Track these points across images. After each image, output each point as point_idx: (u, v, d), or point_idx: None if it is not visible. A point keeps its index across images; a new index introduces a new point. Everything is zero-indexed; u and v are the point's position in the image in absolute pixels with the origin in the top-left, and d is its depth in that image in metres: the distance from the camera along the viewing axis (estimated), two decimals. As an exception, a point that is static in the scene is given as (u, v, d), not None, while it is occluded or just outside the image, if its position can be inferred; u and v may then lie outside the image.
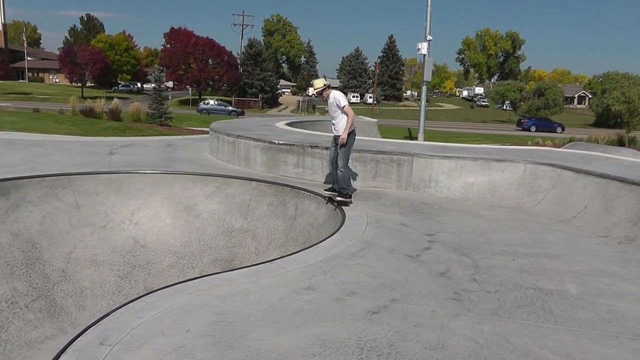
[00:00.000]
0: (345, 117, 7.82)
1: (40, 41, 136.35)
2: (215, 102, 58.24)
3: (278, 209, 9.03)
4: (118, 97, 37.13)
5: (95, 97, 31.86)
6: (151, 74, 41.41)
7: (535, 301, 4.80)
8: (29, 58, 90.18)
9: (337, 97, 7.84)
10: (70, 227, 8.75)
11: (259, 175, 10.24)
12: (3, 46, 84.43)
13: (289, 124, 15.15)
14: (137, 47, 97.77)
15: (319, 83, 8.06)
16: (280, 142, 10.60)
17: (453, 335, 4.03)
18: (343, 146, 7.88)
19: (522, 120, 57.93)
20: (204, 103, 57.43)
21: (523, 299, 4.83)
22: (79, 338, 3.80)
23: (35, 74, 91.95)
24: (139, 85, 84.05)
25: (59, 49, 78.34)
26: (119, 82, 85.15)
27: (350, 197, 8.16)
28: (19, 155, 11.71)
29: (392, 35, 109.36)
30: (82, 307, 7.95)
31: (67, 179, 9.31)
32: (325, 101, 8.18)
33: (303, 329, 4.04)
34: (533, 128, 55.28)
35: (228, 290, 4.73)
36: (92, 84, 75.32)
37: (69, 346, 3.70)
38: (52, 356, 3.64)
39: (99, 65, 66.11)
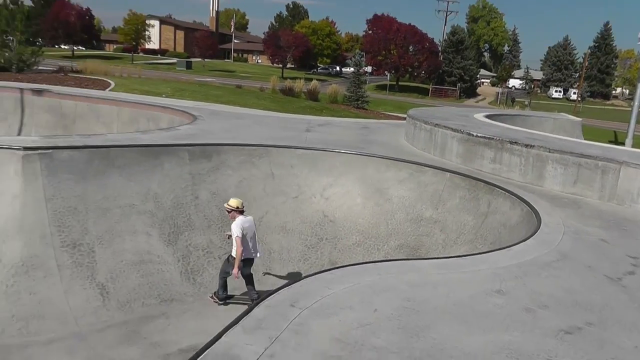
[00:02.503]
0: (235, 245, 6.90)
1: (247, 26, 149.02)
2: None
3: (470, 204, 8.63)
4: (317, 79, 39.07)
5: (295, 78, 33.83)
6: (351, 59, 42.80)
7: None
8: (235, 40, 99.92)
9: (232, 227, 6.86)
10: (264, 193, 9.42)
11: (453, 166, 9.89)
12: (214, 30, 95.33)
13: (487, 117, 14.38)
14: (339, 33, 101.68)
15: (231, 203, 7.08)
16: (479, 134, 10.07)
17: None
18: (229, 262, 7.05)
19: None
20: None
21: None
22: (272, 296, 4.01)
23: (240, 55, 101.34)
24: (337, 68, 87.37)
25: (263, 33, 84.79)
26: (318, 65, 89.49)
27: (219, 300, 7.40)
28: (222, 124, 12.95)
29: (607, 22, 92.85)
30: (269, 268, 8.53)
31: (264, 150, 10.02)
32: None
33: (490, 333, 3.82)
34: None
35: (417, 279, 4.62)
36: (292, 66, 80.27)
37: (262, 301, 3.93)
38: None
39: (300, 48, 70.08)
